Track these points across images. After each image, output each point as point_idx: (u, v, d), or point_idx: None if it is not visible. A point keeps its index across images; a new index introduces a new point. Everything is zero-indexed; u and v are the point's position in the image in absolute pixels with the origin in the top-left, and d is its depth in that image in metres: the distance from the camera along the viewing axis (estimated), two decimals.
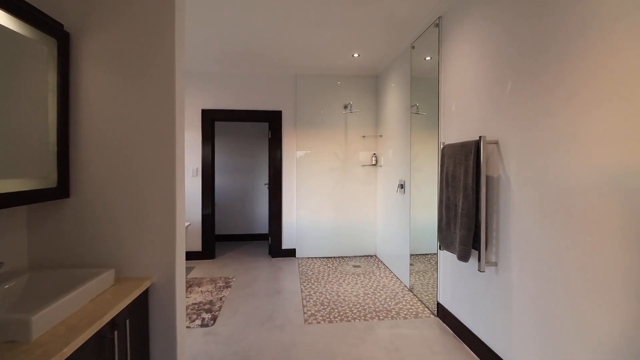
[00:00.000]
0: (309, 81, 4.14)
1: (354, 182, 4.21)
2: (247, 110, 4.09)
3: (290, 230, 4.15)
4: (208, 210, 4.05)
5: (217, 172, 5.02)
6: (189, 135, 4.02)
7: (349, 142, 4.21)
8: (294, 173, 4.15)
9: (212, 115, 4.06)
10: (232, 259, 4.12)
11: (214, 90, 4.05)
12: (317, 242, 4.15)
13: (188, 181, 4.02)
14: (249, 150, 5.15)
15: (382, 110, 4.00)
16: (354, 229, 4.21)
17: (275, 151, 4.14)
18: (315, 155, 4.15)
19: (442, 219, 2.25)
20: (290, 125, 4.16)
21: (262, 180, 5.13)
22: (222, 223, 5.06)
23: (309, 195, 4.14)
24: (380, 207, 4.08)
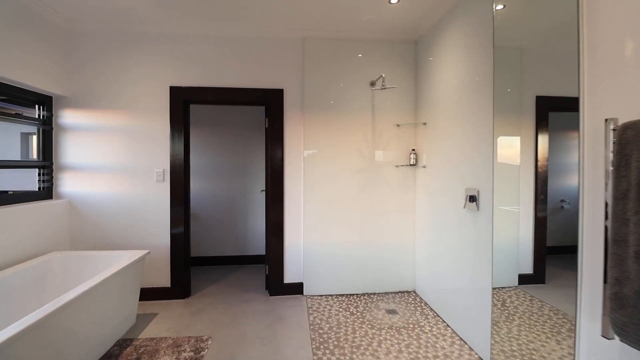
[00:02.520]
0: (321, 47, 2.94)
1: (385, 189, 3.01)
2: (235, 89, 2.90)
3: (296, 256, 2.96)
4: (179, 229, 2.86)
5: (195, 175, 3.83)
6: (148, 122, 2.83)
7: (377, 132, 3.00)
8: (301, 176, 2.96)
9: (186, 95, 2.86)
10: (213, 297, 2.93)
11: (188, 60, 2.86)
12: (333, 274, 2.95)
13: (149, 188, 2.83)
14: (239, 146, 3.94)
15: (428, 87, 2.79)
16: (385, 254, 3.01)
17: (275, 146, 2.94)
18: (329, 152, 2.95)
19: (622, 276, 1.06)
20: (295, 109, 2.96)
21: (257, 185, 3.93)
22: (205, 243, 3.87)
23: (322, 207, 2.94)
24: (423, 223, 2.87)
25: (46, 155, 2.68)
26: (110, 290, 2.04)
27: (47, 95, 2.66)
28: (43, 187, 2.66)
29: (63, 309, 1.59)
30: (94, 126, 2.77)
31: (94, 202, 2.78)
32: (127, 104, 2.80)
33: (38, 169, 2.65)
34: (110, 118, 2.79)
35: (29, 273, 2.17)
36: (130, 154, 2.80)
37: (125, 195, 2.80)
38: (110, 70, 2.78)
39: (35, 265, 2.22)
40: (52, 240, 2.57)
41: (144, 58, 2.81)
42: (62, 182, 2.75)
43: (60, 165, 2.75)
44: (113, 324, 2.12)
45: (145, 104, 2.82)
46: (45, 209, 2.53)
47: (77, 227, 2.77)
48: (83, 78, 2.76)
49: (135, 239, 2.82)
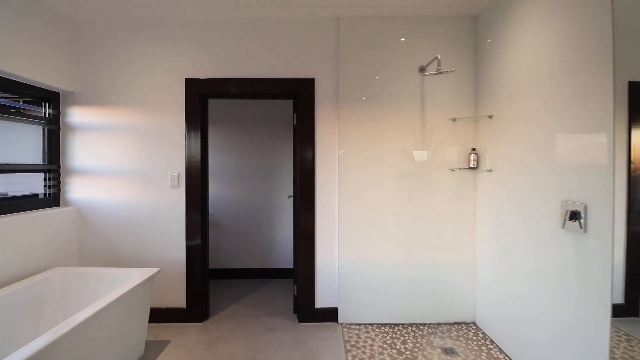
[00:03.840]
0: (359, 28, 2.47)
1: (437, 196, 2.47)
2: (258, 80, 2.49)
3: (329, 275, 2.50)
4: (196, 241, 2.49)
5: (215, 179, 3.48)
6: (161, 120, 2.48)
7: (428, 128, 2.48)
8: (335, 181, 2.50)
9: (203, 88, 2.49)
10: (234, 321, 2.53)
11: (205, 48, 2.49)
12: (374, 298, 2.46)
13: (163, 195, 2.49)
14: (264, 146, 3.55)
15: (494, 72, 2.23)
16: (438, 276, 2.48)
17: (304, 146, 2.50)
18: (369, 152, 2.47)
19: None
20: (328, 103, 2.50)
21: (284, 190, 3.52)
22: (226, 253, 3.51)
23: (360, 218, 2.46)
24: (487, 240, 2.31)
25: (52, 158, 2.40)
26: (114, 316, 1.70)
27: (53, 92, 2.38)
28: (49, 193, 2.38)
29: (58, 342, 1.30)
30: (103, 125, 2.47)
31: (104, 210, 2.48)
32: (139, 99, 2.47)
33: (44, 173, 2.37)
34: (121, 115, 2.47)
35: (23, 294, 1.86)
36: (142, 156, 2.47)
37: (137, 203, 2.48)
38: (120, 63, 2.47)
39: (31, 285, 1.91)
40: (59, 253, 2.29)
41: (156, 47, 2.47)
42: (70, 188, 2.47)
43: (67, 168, 2.47)
44: (118, 356, 1.77)
45: (159, 99, 2.47)
46: (52, 218, 2.25)
47: (86, 238, 2.48)
48: (91, 72, 2.47)
49: (147, 252, 2.49)
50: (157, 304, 2.48)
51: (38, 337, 1.29)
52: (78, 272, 2.11)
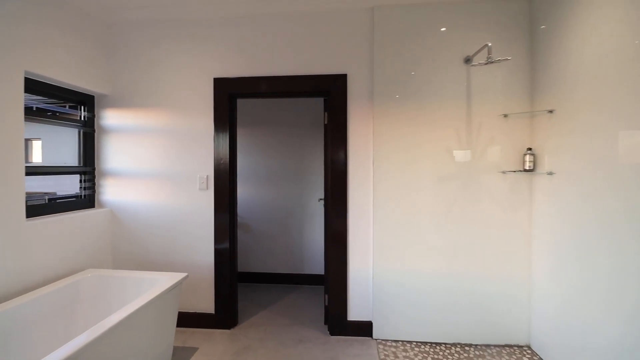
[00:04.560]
0: (396, 17, 2.26)
1: (485, 202, 2.21)
2: (288, 77, 2.36)
3: (363, 285, 2.32)
4: (224, 244, 2.42)
5: (244, 181, 3.42)
6: (190, 121, 2.43)
7: (474, 126, 2.22)
8: (369, 184, 2.31)
9: (231, 88, 2.41)
10: (263, 329, 2.43)
11: (233, 46, 2.41)
12: (413, 313, 2.25)
13: (192, 197, 2.44)
14: (294, 147, 3.43)
15: (558, 60, 1.93)
16: (486, 291, 2.21)
17: (336, 147, 2.34)
18: (407, 153, 2.26)
19: None
20: (361, 100, 2.33)
21: (315, 193, 3.38)
22: (255, 257, 3.44)
23: (397, 225, 2.26)
24: (547, 252, 2.02)
25: (87, 160, 2.44)
26: (143, 321, 1.66)
27: (88, 95, 2.41)
28: (85, 194, 2.42)
29: (93, 344, 1.30)
30: (134, 127, 2.47)
31: (135, 212, 2.48)
32: (168, 100, 2.44)
33: (79, 175, 2.41)
34: (151, 117, 2.45)
35: (58, 295, 1.87)
36: (172, 157, 2.44)
37: (167, 205, 2.45)
38: (151, 65, 2.45)
39: (65, 287, 1.92)
40: (93, 254, 2.31)
41: (185, 47, 2.43)
42: (104, 189, 2.50)
43: (102, 170, 2.50)
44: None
45: (188, 100, 2.43)
46: (87, 219, 2.28)
47: (118, 239, 2.49)
48: (122, 75, 2.47)
49: (176, 255, 2.45)
50: (185, 308, 2.44)
51: (74, 339, 1.29)
52: (108, 274, 2.10)
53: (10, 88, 1.75)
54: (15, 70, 1.77)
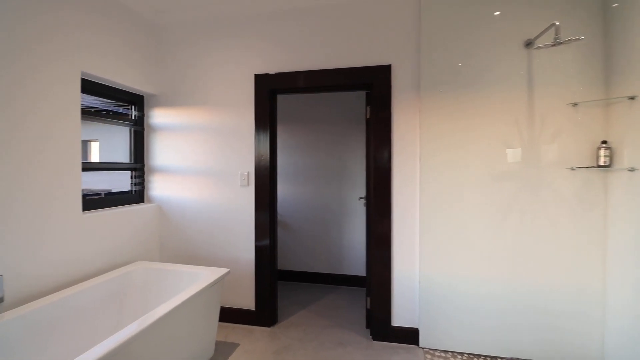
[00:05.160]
0: (445, 1, 2.10)
1: (550, 202, 1.97)
2: (328, 71, 2.29)
3: (409, 290, 2.18)
4: (265, 241, 2.41)
5: (283, 178, 3.40)
6: (232, 118, 2.45)
7: (537, 117, 1.99)
8: (416, 182, 2.17)
9: (272, 84, 2.39)
10: (302, 329, 2.38)
11: (273, 41, 2.38)
12: (464, 322, 2.07)
13: (233, 194, 2.45)
14: (333, 144, 3.35)
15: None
16: (550, 302, 1.97)
17: (379, 142, 2.22)
18: (459, 148, 2.08)
19: None
20: (407, 92, 2.19)
21: (355, 191, 3.28)
22: (294, 255, 3.41)
23: (447, 227, 2.09)
24: (627, 261, 1.74)
25: (137, 157, 2.54)
26: (187, 314, 1.69)
27: (138, 95, 2.52)
28: (135, 190, 2.53)
29: (142, 334, 1.34)
30: (179, 125, 2.54)
31: (181, 207, 2.55)
32: (211, 98, 2.48)
33: (130, 171, 2.53)
34: (195, 115, 2.51)
35: (111, 285, 1.96)
36: (214, 154, 2.48)
37: (210, 201, 2.49)
38: (193, 64, 2.50)
39: (117, 277, 2.01)
40: (142, 247, 2.41)
41: (226, 44, 2.45)
42: (152, 185, 2.60)
43: (150, 167, 2.60)
44: (189, 354, 1.74)
45: (229, 97, 2.45)
46: (137, 213, 2.38)
47: (165, 234, 2.58)
48: (168, 74, 2.55)
49: (218, 251, 2.49)
50: (226, 303, 2.47)
51: (125, 328, 1.33)
52: (156, 267, 2.17)
53: (69, 88, 1.85)
54: (73, 71, 1.87)
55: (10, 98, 1.55)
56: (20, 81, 1.60)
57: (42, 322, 1.55)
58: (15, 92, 1.57)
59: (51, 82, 1.75)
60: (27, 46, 1.63)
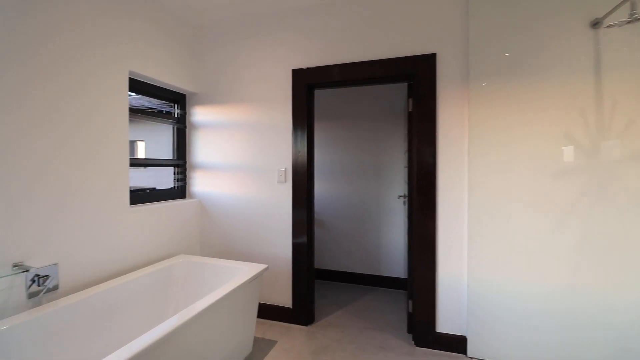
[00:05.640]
0: None
1: (624, 202, 1.73)
2: (367, 63, 2.20)
3: (456, 294, 2.03)
4: (302, 238, 2.37)
5: (318, 176, 3.36)
6: (270, 114, 2.44)
7: (606, 105, 1.76)
8: (464, 180, 2.02)
9: (309, 78, 2.35)
10: (340, 330, 2.31)
11: (311, 36, 2.34)
12: (520, 333, 1.88)
13: (270, 190, 2.44)
14: (371, 140, 3.24)
15: None
16: (624, 316, 1.73)
17: (423, 137, 2.09)
18: (514, 143, 1.90)
19: None
20: (454, 82, 2.04)
21: (394, 190, 3.15)
22: (330, 254, 3.35)
23: (500, 228, 1.92)
24: None
25: (180, 154, 2.62)
26: (227, 308, 1.69)
27: (181, 93, 2.59)
28: (177, 185, 2.61)
29: (188, 324, 1.37)
30: (219, 122, 2.57)
31: (220, 203, 2.58)
32: (248, 95, 2.49)
33: (173, 168, 2.61)
34: (233, 112, 2.53)
35: (156, 277, 2.03)
36: (253, 150, 2.49)
37: (247, 197, 2.50)
38: (231, 61, 2.53)
39: (162, 269, 2.08)
40: (183, 241, 2.47)
41: (264, 40, 2.45)
42: (194, 181, 2.66)
43: (191, 163, 2.66)
44: (228, 349, 1.75)
45: (266, 93, 2.44)
46: (180, 208, 2.44)
47: (205, 229, 2.63)
48: (208, 72, 2.60)
49: (256, 247, 2.49)
50: (264, 299, 2.46)
51: (167, 320, 1.34)
52: (197, 261, 2.21)
53: (119, 87, 1.93)
54: (121, 69, 1.95)
55: (71, 101, 1.64)
56: (80, 85, 1.68)
57: (93, 310, 1.62)
58: (77, 93, 1.66)
59: (105, 84, 1.84)
60: (84, 51, 1.71)
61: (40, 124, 1.53)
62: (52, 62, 1.58)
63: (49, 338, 1.42)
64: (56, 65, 1.59)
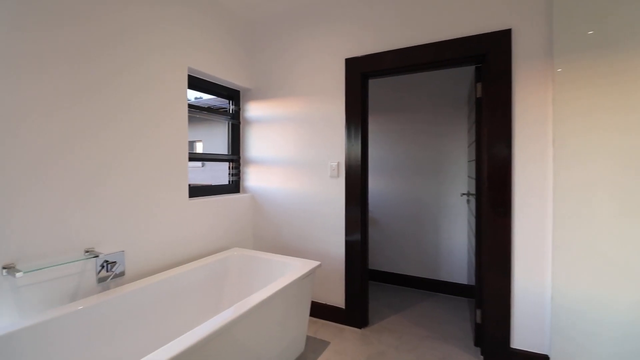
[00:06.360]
0: None
1: None
2: (428, 46, 2.01)
3: (535, 307, 1.75)
4: (355, 236, 2.25)
5: (371, 171, 3.19)
6: (322, 106, 2.35)
7: None
8: (546, 172, 1.73)
9: (363, 67, 2.21)
10: (397, 336, 2.15)
11: (366, 22, 2.20)
12: (618, 355, 1.55)
13: (322, 185, 2.36)
14: (429, 134, 3.00)
15: None
16: None
17: (495, 126, 1.84)
18: (612, 127, 1.57)
19: None
20: (533, 61, 1.76)
21: (455, 187, 2.88)
22: (383, 254, 3.17)
23: (596, 231, 1.60)
24: None
25: (234, 149, 2.66)
26: (280, 303, 1.64)
27: (235, 90, 2.63)
28: (231, 180, 2.65)
29: (243, 317, 1.34)
30: (271, 117, 2.56)
31: (272, 198, 2.57)
32: (300, 88, 2.43)
33: (228, 163, 2.66)
34: (285, 106, 2.49)
35: (211, 268, 2.06)
36: (305, 144, 2.42)
37: (299, 192, 2.45)
38: (283, 55, 2.49)
39: (217, 261, 2.10)
40: (237, 235, 2.50)
41: (315, 31, 2.37)
42: (247, 176, 2.69)
43: (245, 158, 2.69)
44: (281, 346, 1.69)
45: (318, 86, 2.36)
46: (234, 203, 2.47)
47: (258, 223, 2.64)
48: (261, 67, 2.60)
49: (307, 243, 2.42)
50: (315, 297, 2.39)
51: (222, 312, 1.32)
52: (250, 254, 2.21)
53: (179, 84, 1.99)
54: (181, 66, 2.01)
55: (137, 100, 1.72)
56: (145, 85, 1.76)
57: (157, 297, 1.67)
58: (143, 92, 1.74)
59: (167, 81, 1.90)
60: (148, 51, 1.79)
61: (107, 123, 1.61)
62: (122, 64, 1.66)
63: (118, 321, 1.48)
64: (127, 66, 1.67)
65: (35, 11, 1.34)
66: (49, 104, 1.39)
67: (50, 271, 1.38)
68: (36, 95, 1.34)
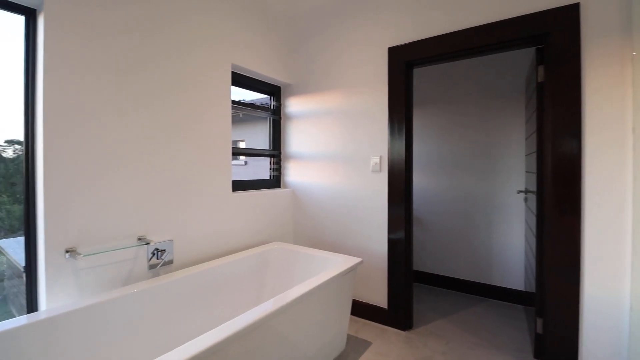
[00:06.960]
0: None
1: None
2: (479, 28, 1.85)
3: (609, 318, 1.53)
4: (399, 234, 2.14)
5: (415, 168, 3.03)
6: (364, 99, 2.28)
7: None
8: (625, 165, 1.50)
9: (407, 55, 2.11)
10: (444, 342, 2.01)
11: (411, 5, 2.09)
12: None
13: (364, 180, 2.28)
14: (477, 127, 2.78)
15: None
16: None
17: (561, 113, 1.64)
18: None
19: None
20: (607, 38, 1.54)
21: (510, 182, 2.64)
22: (428, 255, 3.00)
23: None
24: None
25: (275, 145, 2.68)
26: (320, 299, 1.61)
27: (276, 86, 2.66)
28: (273, 175, 2.68)
29: (283, 310, 1.33)
30: (311, 112, 2.54)
31: (312, 193, 2.55)
32: (341, 81, 2.38)
33: (269, 158, 2.69)
34: (326, 100, 2.46)
35: (253, 260, 2.09)
36: (346, 138, 2.37)
37: (340, 187, 2.40)
38: (326, 49, 2.46)
39: (259, 254, 2.13)
40: (278, 229, 2.52)
41: (356, 22, 2.32)
42: (287, 172, 2.70)
43: (286, 153, 2.70)
44: (321, 341, 1.66)
45: (360, 77, 2.30)
46: (275, 197, 2.50)
47: (298, 218, 2.64)
48: (301, 62, 2.59)
49: (348, 239, 2.37)
50: (357, 296, 2.32)
51: (262, 304, 1.32)
52: (291, 248, 2.20)
53: (223, 79, 2.05)
54: (225, 62, 2.06)
55: (186, 98, 1.79)
56: (193, 82, 1.83)
57: (202, 285, 1.73)
58: (192, 89, 1.81)
59: (213, 77, 1.97)
60: (193, 48, 1.85)
61: (158, 119, 1.69)
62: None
63: (167, 305, 1.55)
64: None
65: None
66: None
67: (106, 256, 1.48)
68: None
